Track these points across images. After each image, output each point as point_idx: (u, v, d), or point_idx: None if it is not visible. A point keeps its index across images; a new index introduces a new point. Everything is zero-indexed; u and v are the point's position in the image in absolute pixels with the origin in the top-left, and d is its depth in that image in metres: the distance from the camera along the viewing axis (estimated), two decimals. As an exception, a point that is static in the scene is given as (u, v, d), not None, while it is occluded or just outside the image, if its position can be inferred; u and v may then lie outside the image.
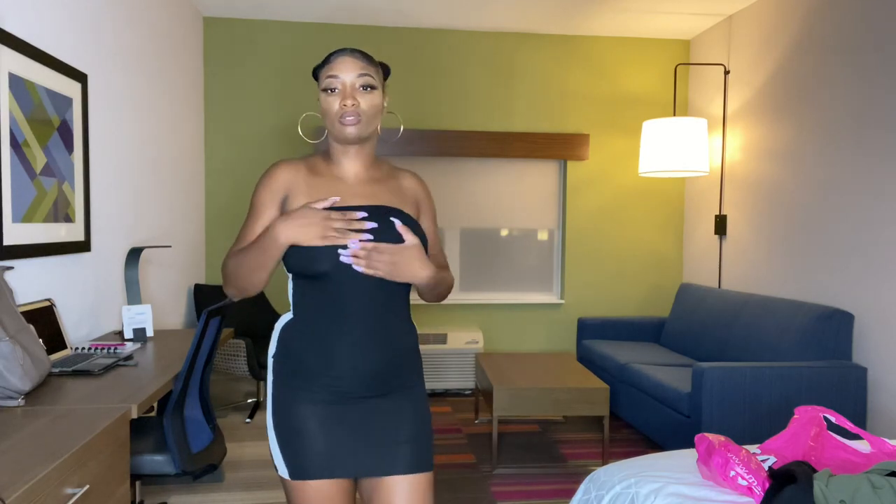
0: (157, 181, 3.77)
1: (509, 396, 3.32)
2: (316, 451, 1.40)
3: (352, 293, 1.39)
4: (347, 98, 1.41)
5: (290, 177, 1.46)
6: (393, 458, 1.44)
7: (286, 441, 1.41)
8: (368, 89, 1.42)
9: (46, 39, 2.50)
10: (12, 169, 2.24)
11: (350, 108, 1.40)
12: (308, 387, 1.42)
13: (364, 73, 1.42)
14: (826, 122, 3.60)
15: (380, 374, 1.43)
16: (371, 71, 1.43)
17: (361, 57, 1.43)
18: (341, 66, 1.42)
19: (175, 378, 2.12)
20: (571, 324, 5.17)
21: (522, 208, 5.16)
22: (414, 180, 1.57)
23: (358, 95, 1.42)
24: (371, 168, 1.51)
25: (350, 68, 1.42)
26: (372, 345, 1.41)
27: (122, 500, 1.66)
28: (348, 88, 1.42)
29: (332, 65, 1.43)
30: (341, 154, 1.49)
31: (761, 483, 1.67)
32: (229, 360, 4.09)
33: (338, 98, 1.42)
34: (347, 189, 1.46)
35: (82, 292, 2.80)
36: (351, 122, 1.41)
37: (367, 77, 1.42)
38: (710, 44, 4.83)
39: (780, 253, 3.97)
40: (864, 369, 3.22)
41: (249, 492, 3.02)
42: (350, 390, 1.41)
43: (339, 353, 1.40)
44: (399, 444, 1.45)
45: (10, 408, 1.69)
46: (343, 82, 1.42)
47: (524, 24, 4.83)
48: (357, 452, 1.42)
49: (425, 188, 1.59)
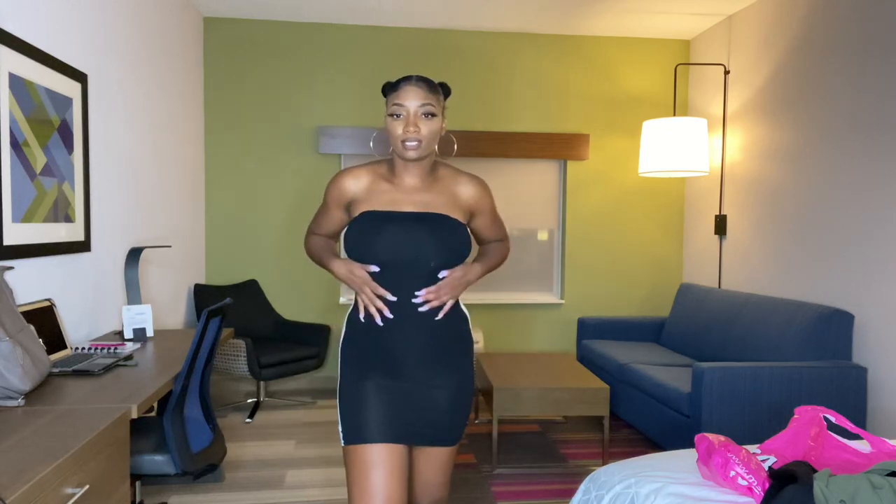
0: (157, 181, 3.77)
1: (509, 396, 3.32)
2: (371, 420, 1.65)
3: (406, 283, 1.66)
4: (410, 125, 1.61)
5: (352, 187, 1.73)
6: (433, 431, 1.72)
7: (347, 412, 1.68)
8: (430, 117, 1.63)
9: (46, 39, 2.50)
10: (12, 169, 2.24)
11: (412, 133, 1.61)
12: (366, 367, 1.69)
13: (426, 103, 1.62)
14: (826, 121, 3.60)
15: (430, 355, 1.69)
16: (433, 100, 1.63)
17: (425, 87, 1.63)
18: (406, 96, 1.62)
19: (175, 378, 2.12)
20: (571, 324, 5.17)
21: (522, 208, 5.16)
22: (471, 185, 1.78)
23: (420, 122, 1.62)
24: (427, 178, 1.74)
25: (414, 97, 1.62)
26: (425, 329, 1.67)
27: (122, 500, 1.66)
28: (411, 116, 1.62)
29: (398, 93, 1.63)
30: (402, 168, 1.71)
31: (761, 483, 1.67)
32: (229, 360, 4.09)
33: (402, 123, 1.62)
34: (404, 197, 1.71)
35: (82, 292, 2.80)
36: (412, 147, 1.62)
37: (429, 106, 1.62)
38: (710, 44, 4.83)
39: (780, 253, 3.97)
40: (864, 369, 3.22)
41: (249, 492, 3.02)
42: (402, 370, 1.68)
43: (393, 338, 1.67)
44: (439, 418, 1.72)
45: (10, 408, 1.69)
46: (408, 110, 1.62)
47: (524, 24, 4.83)
48: (405, 423, 1.68)
49: (482, 188, 1.80)
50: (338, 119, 4.89)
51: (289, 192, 4.87)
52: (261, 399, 4.41)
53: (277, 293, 4.90)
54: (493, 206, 1.86)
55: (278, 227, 4.88)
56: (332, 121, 4.89)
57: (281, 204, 4.87)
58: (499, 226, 1.91)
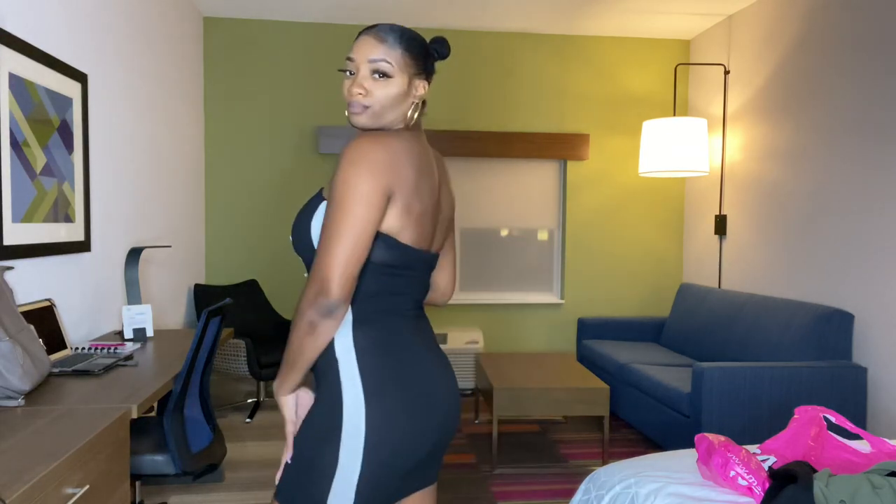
0: (157, 181, 3.77)
1: (509, 396, 3.32)
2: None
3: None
4: (355, 85, 1.26)
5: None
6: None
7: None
8: (382, 77, 1.25)
9: (46, 39, 2.50)
10: (12, 169, 2.24)
11: (356, 96, 1.26)
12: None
13: (379, 59, 1.24)
14: (826, 121, 3.60)
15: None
16: (392, 56, 1.25)
17: (384, 39, 1.26)
18: (357, 48, 1.27)
19: (175, 378, 2.12)
20: (571, 324, 5.17)
21: (522, 208, 5.16)
22: None
23: (368, 83, 1.25)
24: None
25: (367, 51, 1.25)
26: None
27: (122, 500, 1.66)
28: (360, 75, 1.26)
29: (354, 44, 1.29)
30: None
31: (761, 483, 1.67)
32: (229, 360, 4.09)
33: (350, 81, 1.28)
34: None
35: (82, 292, 2.80)
36: (355, 111, 1.26)
37: (382, 63, 1.24)
38: (710, 44, 4.83)
39: (780, 253, 3.97)
40: (864, 369, 3.22)
41: (249, 492, 3.02)
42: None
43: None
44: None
45: (10, 408, 1.69)
46: (357, 66, 1.27)
47: (525, 24, 4.83)
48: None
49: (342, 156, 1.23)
50: (338, 119, 4.89)
51: (289, 193, 4.87)
52: (261, 399, 4.41)
53: (277, 293, 4.90)
54: (334, 182, 1.20)
55: (278, 227, 4.88)
56: (332, 121, 4.89)
57: (281, 204, 4.87)
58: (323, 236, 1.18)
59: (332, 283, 1.13)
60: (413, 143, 1.27)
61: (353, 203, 1.15)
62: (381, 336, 1.25)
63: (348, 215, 1.15)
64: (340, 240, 1.14)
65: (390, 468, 1.23)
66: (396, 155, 1.21)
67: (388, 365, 1.24)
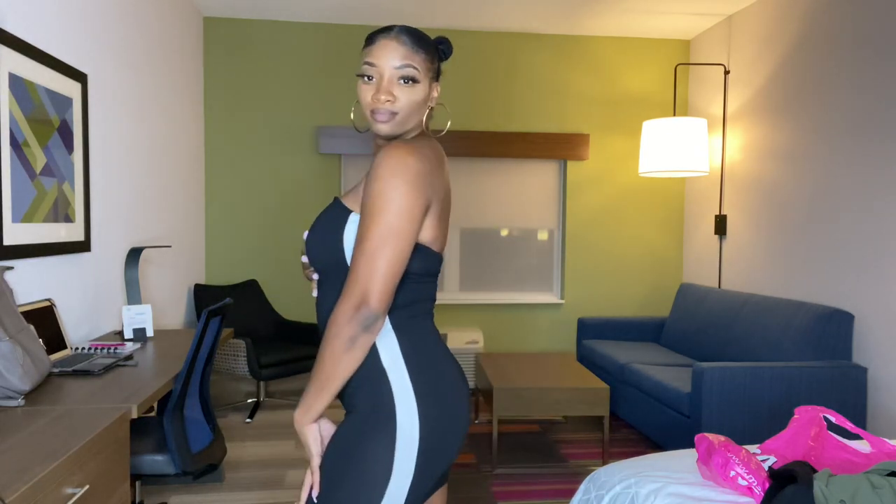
0: (157, 181, 3.77)
1: (509, 396, 3.32)
2: None
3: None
4: (382, 92, 1.21)
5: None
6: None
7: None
8: (409, 83, 1.22)
9: (46, 39, 2.50)
10: (12, 169, 2.24)
11: (384, 103, 1.21)
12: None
13: (406, 64, 1.21)
14: (826, 121, 3.60)
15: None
16: (416, 60, 1.22)
17: (409, 42, 1.22)
18: (380, 52, 1.21)
19: (175, 378, 2.12)
20: (571, 324, 5.17)
21: (522, 208, 5.16)
22: None
23: (396, 90, 1.21)
24: None
25: (391, 55, 1.21)
26: None
27: (122, 500, 1.66)
28: (385, 80, 1.21)
29: (372, 47, 1.23)
30: (381, 145, 1.31)
31: (761, 483, 1.67)
32: (229, 360, 4.09)
33: (372, 88, 1.23)
34: None
35: (82, 292, 2.80)
36: (383, 119, 1.22)
37: (410, 69, 1.21)
38: (710, 44, 4.83)
39: (780, 253, 3.97)
40: (864, 369, 3.22)
41: (249, 492, 3.02)
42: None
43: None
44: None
45: (10, 408, 1.69)
46: (380, 72, 1.22)
47: (525, 24, 4.83)
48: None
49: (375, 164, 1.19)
50: (338, 119, 4.89)
51: (289, 193, 4.87)
52: (261, 399, 4.41)
53: (277, 293, 4.90)
54: (369, 191, 1.17)
55: (278, 227, 4.88)
56: (332, 121, 4.89)
57: (281, 204, 4.87)
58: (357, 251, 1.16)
59: (373, 296, 1.12)
60: (435, 149, 1.26)
61: (396, 218, 1.14)
62: (419, 342, 1.25)
63: (392, 230, 1.13)
64: (383, 254, 1.13)
65: (434, 471, 1.23)
66: (431, 164, 1.20)
67: (431, 369, 1.24)
